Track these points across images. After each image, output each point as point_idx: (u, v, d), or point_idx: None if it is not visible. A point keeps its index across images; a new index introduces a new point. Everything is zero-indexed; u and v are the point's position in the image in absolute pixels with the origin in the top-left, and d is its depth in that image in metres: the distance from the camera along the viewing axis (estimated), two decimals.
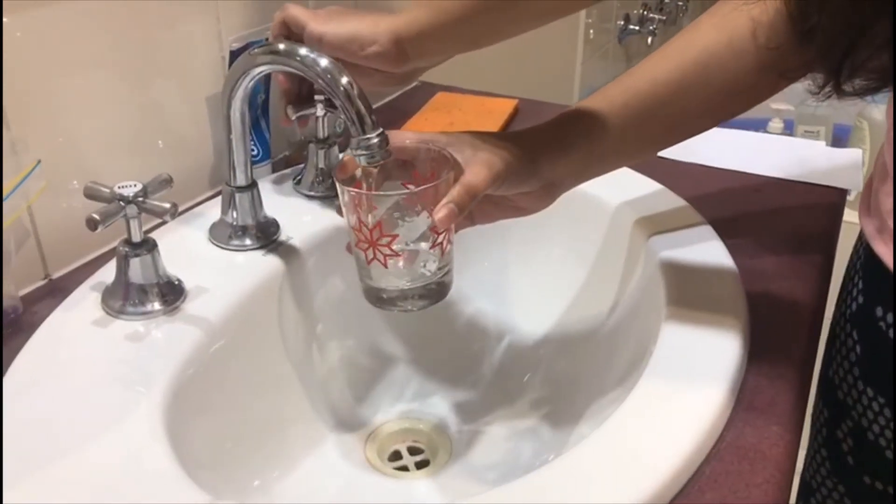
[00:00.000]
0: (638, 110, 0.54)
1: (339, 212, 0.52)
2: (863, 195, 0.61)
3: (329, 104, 0.68)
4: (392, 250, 0.50)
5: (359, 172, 0.52)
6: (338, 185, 0.50)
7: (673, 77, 0.53)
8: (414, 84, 1.05)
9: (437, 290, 0.53)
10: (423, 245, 0.51)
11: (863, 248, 0.62)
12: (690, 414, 0.46)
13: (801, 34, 0.43)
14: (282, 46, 0.54)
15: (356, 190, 0.51)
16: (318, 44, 0.58)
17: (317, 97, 0.68)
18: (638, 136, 0.56)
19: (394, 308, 0.53)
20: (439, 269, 0.52)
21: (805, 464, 0.70)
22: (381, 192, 0.52)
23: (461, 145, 0.51)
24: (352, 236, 0.52)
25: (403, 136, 0.53)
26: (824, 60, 0.41)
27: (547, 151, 0.53)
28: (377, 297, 0.53)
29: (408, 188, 0.53)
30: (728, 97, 0.54)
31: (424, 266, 0.52)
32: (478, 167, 0.50)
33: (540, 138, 0.54)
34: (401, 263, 0.51)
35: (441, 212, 0.48)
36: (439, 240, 0.51)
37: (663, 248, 0.62)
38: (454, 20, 0.56)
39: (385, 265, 0.51)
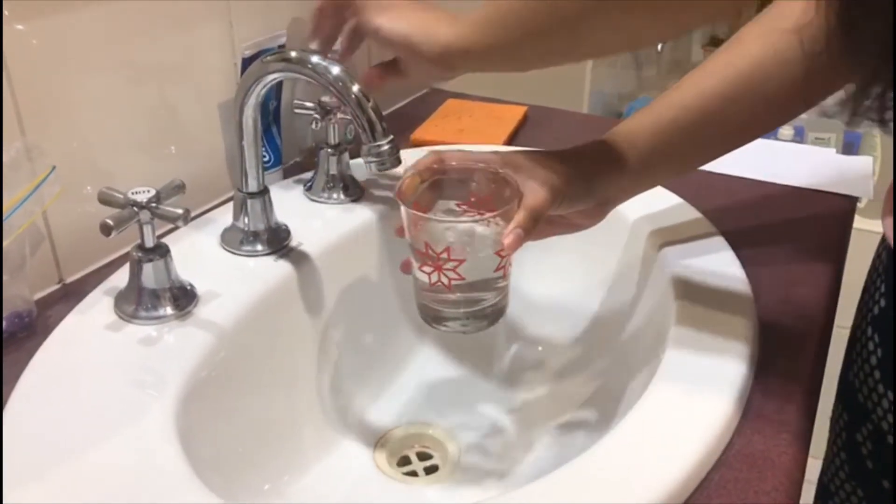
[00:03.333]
0: (687, 124, 0.55)
1: (400, 232, 0.52)
2: (886, 197, 0.60)
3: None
4: (458, 274, 0.50)
5: (418, 191, 0.52)
6: (404, 208, 0.50)
7: (720, 90, 0.54)
8: (424, 91, 1.06)
9: (494, 313, 0.53)
10: (488, 269, 0.51)
11: (885, 251, 0.62)
12: (699, 421, 0.47)
13: (843, 45, 0.43)
14: (294, 54, 0.54)
15: (426, 215, 0.51)
16: (374, 34, 0.59)
17: (324, 98, 0.69)
18: (687, 150, 0.57)
19: (450, 328, 0.53)
20: (499, 291, 0.53)
21: (823, 467, 0.70)
22: (451, 219, 0.52)
23: (516, 166, 0.52)
24: (414, 257, 0.52)
25: (452, 157, 0.53)
26: (865, 70, 0.40)
27: (601, 169, 0.54)
28: (435, 318, 0.53)
29: (463, 208, 0.53)
30: (774, 108, 0.54)
31: (486, 289, 0.52)
32: (537, 189, 0.50)
33: (592, 157, 0.55)
34: (464, 287, 0.51)
35: (509, 237, 0.48)
36: (502, 263, 0.51)
37: (673, 257, 0.62)
38: (502, 45, 0.55)
39: (449, 288, 0.50)
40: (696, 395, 0.48)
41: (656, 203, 0.70)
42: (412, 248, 0.52)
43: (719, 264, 0.62)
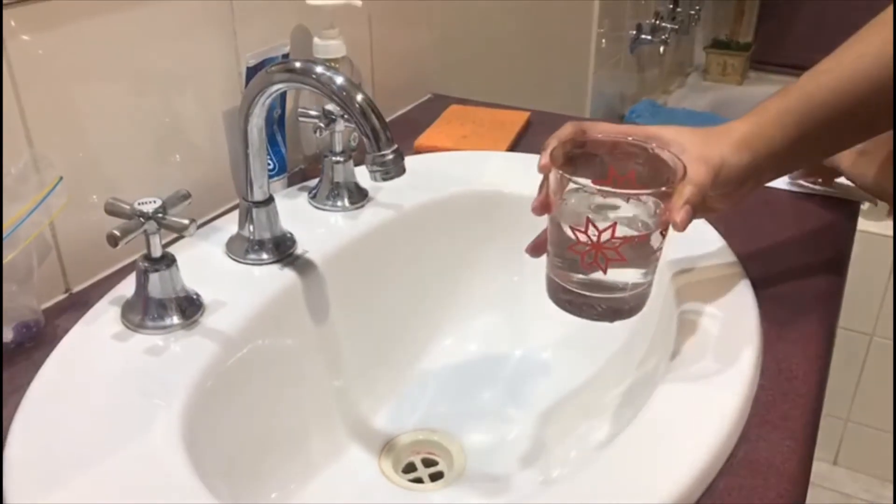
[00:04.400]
0: (837, 105, 0.52)
1: (541, 209, 0.48)
2: None
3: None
4: (619, 254, 0.45)
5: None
6: (558, 178, 0.46)
7: (875, 74, 0.51)
8: (427, 97, 1.06)
9: (640, 299, 0.49)
10: (647, 252, 0.47)
11: None
12: (704, 428, 0.47)
13: None
14: (298, 64, 0.55)
15: (599, 186, 0.45)
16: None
17: (328, 106, 0.69)
18: (834, 135, 0.54)
19: (585, 315, 0.49)
20: (650, 276, 0.49)
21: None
22: (622, 191, 0.47)
23: (666, 142, 0.49)
24: (562, 235, 0.47)
25: (599, 129, 0.50)
26: None
27: (751, 150, 0.52)
28: (576, 302, 0.49)
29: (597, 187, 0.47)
30: None
31: (639, 274, 0.48)
32: (698, 165, 0.48)
33: (742, 136, 0.52)
34: (620, 269, 0.47)
35: (681, 213, 0.46)
36: (660, 245, 0.47)
37: (676, 262, 0.63)
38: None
39: (605, 271, 0.46)
40: (700, 402, 0.49)
41: None
42: (561, 226, 0.47)
43: (722, 269, 0.62)
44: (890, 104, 0.52)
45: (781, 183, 0.79)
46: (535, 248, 0.52)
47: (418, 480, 0.63)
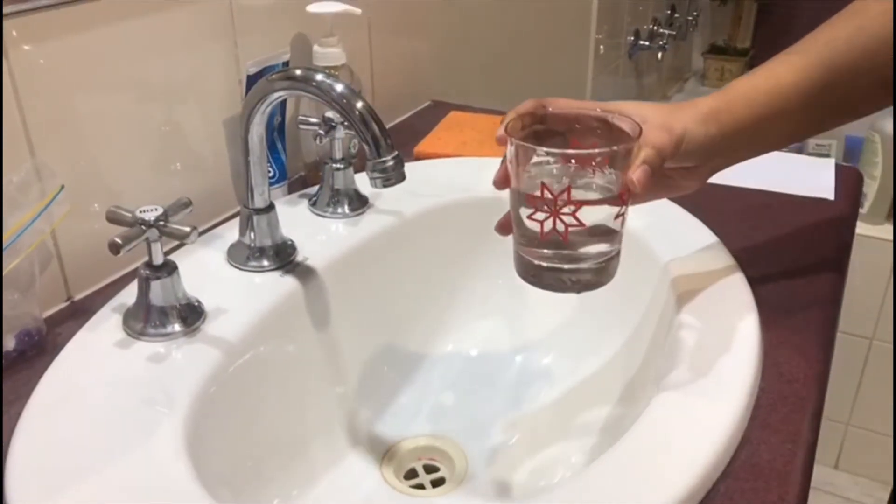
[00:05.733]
0: (808, 89, 0.53)
1: (501, 182, 0.49)
2: None
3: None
4: (577, 220, 0.45)
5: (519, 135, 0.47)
6: (514, 148, 0.46)
7: (847, 56, 0.52)
8: (427, 103, 1.07)
9: (607, 269, 0.49)
10: (608, 216, 0.47)
11: None
12: (705, 431, 0.47)
13: None
14: (298, 72, 0.55)
15: (549, 149, 0.45)
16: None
17: (328, 113, 0.69)
18: (805, 116, 0.54)
19: (557, 286, 0.49)
20: (615, 243, 0.48)
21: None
22: (573, 151, 0.47)
23: (627, 114, 0.49)
24: (522, 205, 0.47)
25: (559, 104, 0.50)
26: None
27: (717, 124, 0.52)
28: (541, 274, 0.48)
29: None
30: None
31: (603, 240, 0.48)
32: (658, 131, 0.48)
33: (708, 111, 0.52)
34: (581, 235, 0.46)
35: (637, 172, 0.46)
36: (622, 211, 0.47)
37: (675, 267, 0.63)
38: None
39: (565, 238, 0.46)
40: (701, 405, 0.49)
41: (658, 213, 0.71)
42: (519, 197, 0.47)
43: (722, 273, 0.62)
44: (861, 88, 0.52)
45: (747, 183, 0.78)
46: (503, 227, 0.52)
47: (420, 487, 0.63)
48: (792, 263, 0.67)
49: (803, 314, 0.60)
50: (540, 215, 0.46)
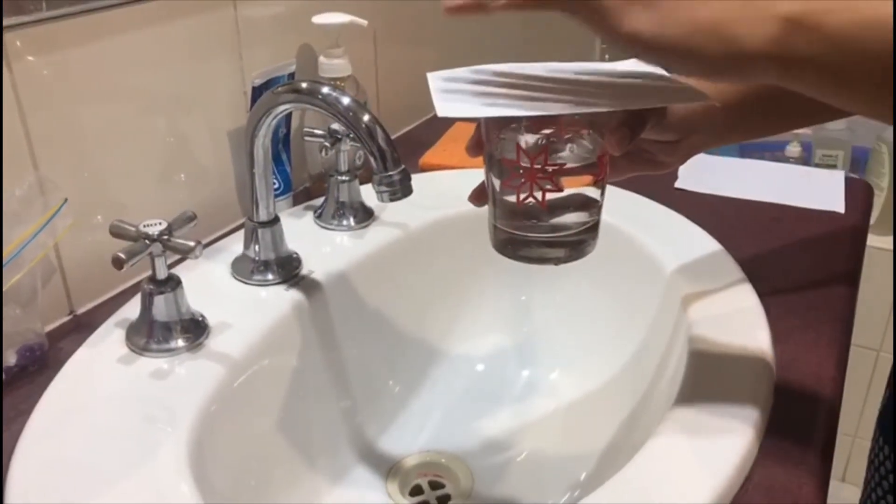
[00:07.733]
0: None
1: (474, 150, 0.47)
2: None
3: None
4: (554, 183, 0.44)
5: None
6: (485, 121, 0.45)
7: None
8: (432, 114, 1.06)
9: (586, 241, 0.47)
10: (587, 182, 0.45)
11: None
12: (718, 452, 0.46)
13: None
14: (304, 85, 0.54)
15: (520, 112, 0.43)
16: None
17: (334, 126, 0.68)
18: (796, 105, 0.51)
19: (536, 257, 0.47)
20: (595, 211, 0.47)
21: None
22: (545, 113, 0.44)
23: None
24: (498, 174, 0.45)
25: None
26: None
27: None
28: (518, 244, 0.47)
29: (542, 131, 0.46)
30: None
31: (582, 207, 0.46)
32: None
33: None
34: (559, 202, 0.45)
35: (616, 134, 0.43)
36: (602, 176, 0.46)
37: (685, 282, 0.62)
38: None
39: (543, 204, 0.44)
40: (714, 426, 0.48)
41: (668, 228, 0.70)
42: (494, 164, 0.46)
43: (733, 289, 0.61)
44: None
45: (755, 195, 0.78)
46: (478, 196, 0.50)
47: (425, 503, 0.62)
48: (803, 278, 0.66)
49: (815, 330, 0.59)
50: (516, 181, 0.44)
